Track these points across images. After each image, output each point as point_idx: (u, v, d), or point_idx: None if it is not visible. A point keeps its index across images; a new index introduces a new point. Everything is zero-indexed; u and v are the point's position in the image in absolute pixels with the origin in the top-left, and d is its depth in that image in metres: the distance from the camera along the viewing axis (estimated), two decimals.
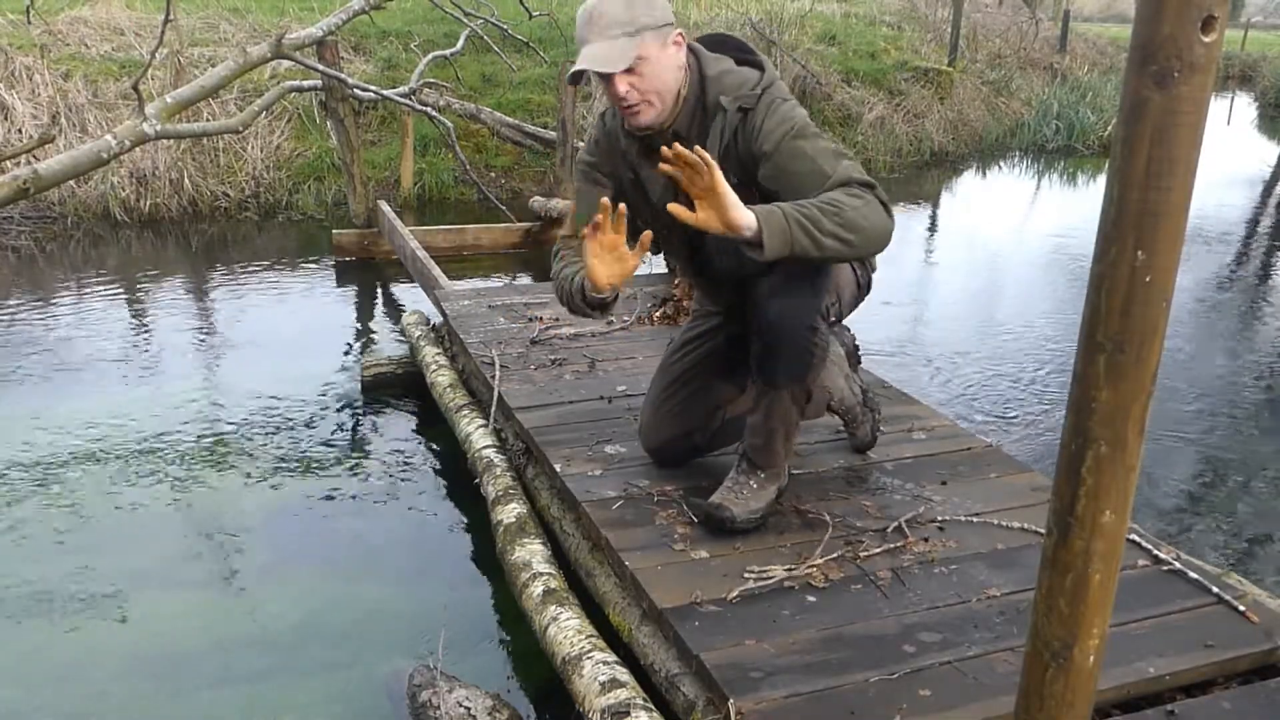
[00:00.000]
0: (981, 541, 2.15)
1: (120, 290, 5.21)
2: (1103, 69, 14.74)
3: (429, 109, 6.47)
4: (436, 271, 4.49)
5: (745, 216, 1.80)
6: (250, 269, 5.66)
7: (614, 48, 1.90)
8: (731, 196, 1.79)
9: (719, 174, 1.77)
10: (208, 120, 6.65)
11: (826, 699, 1.64)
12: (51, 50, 7.45)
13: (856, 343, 2.67)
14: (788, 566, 2.01)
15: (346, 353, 4.37)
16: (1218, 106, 15.62)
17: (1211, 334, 5.10)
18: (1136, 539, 2.12)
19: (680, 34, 1.99)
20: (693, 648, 1.76)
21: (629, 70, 1.92)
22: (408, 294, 5.24)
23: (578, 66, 1.92)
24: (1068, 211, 8.26)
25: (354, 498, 3.06)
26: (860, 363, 2.62)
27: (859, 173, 1.95)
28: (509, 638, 2.38)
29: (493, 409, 2.93)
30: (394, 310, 5.06)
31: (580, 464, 2.48)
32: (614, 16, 1.89)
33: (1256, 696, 1.71)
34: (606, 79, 1.94)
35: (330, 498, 3.06)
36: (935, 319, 5.23)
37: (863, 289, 2.32)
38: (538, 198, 6.25)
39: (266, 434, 3.47)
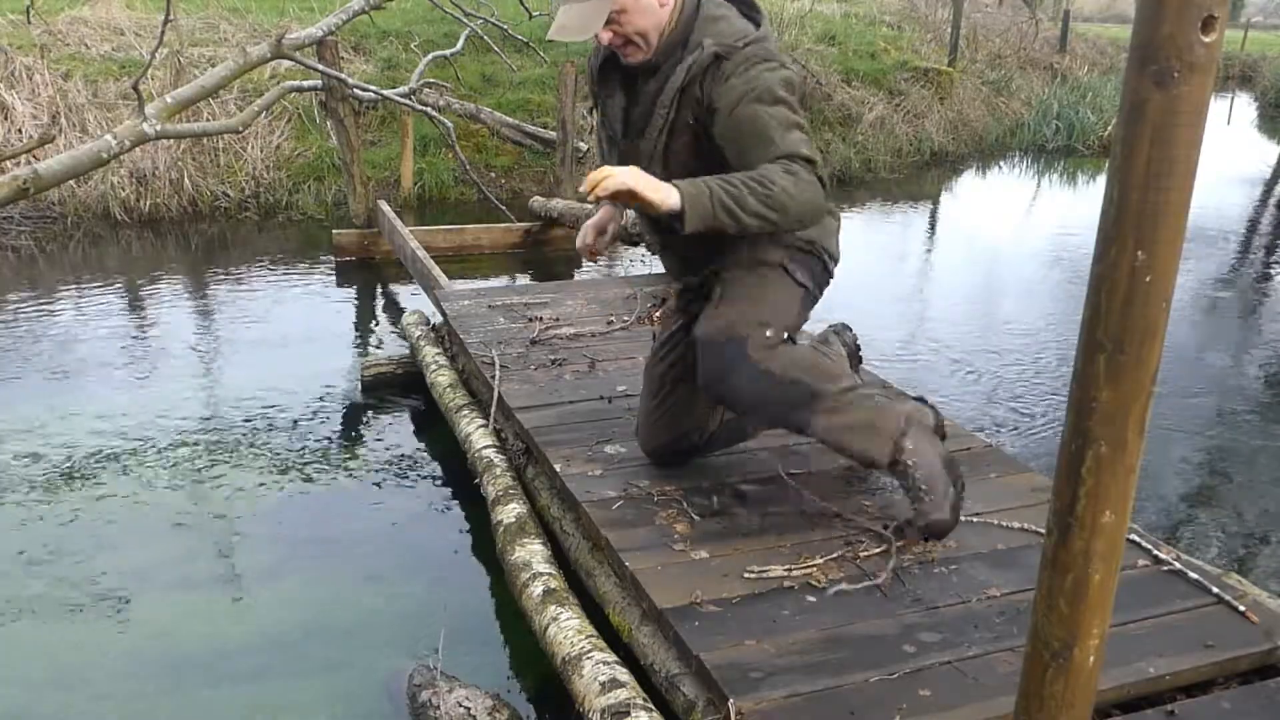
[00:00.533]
0: (981, 541, 2.15)
1: (120, 290, 5.21)
2: (1103, 69, 14.74)
3: (429, 109, 6.47)
4: (436, 271, 4.49)
5: (668, 198, 1.86)
6: (250, 269, 5.66)
7: (587, 9, 1.93)
8: (647, 187, 1.86)
9: (627, 176, 1.86)
10: (208, 120, 6.65)
11: (826, 699, 1.64)
12: (51, 50, 7.45)
13: (858, 343, 2.67)
14: (788, 566, 2.01)
15: (347, 353, 4.37)
16: (1218, 106, 15.62)
17: (1211, 334, 5.10)
18: (1136, 539, 2.12)
19: None
20: (693, 648, 1.76)
21: (609, 22, 1.95)
22: (408, 294, 5.25)
23: (550, 35, 1.96)
24: (1068, 211, 8.26)
25: (354, 498, 3.06)
26: (861, 362, 2.62)
27: (806, 148, 1.95)
28: (509, 638, 2.38)
29: (493, 409, 2.93)
30: (394, 310, 5.06)
31: (580, 464, 2.48)
32: None
33: (1256, 696, 1.71)
34: None
35: (330, 498, 3.06)
36: (935, 319, 5.23)
37: (812, 292, 2.20)
38: (538, 198, 6.25)
39: (266, 434, 3.47)
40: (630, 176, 1.86)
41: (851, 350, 2.57)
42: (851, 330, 2.62)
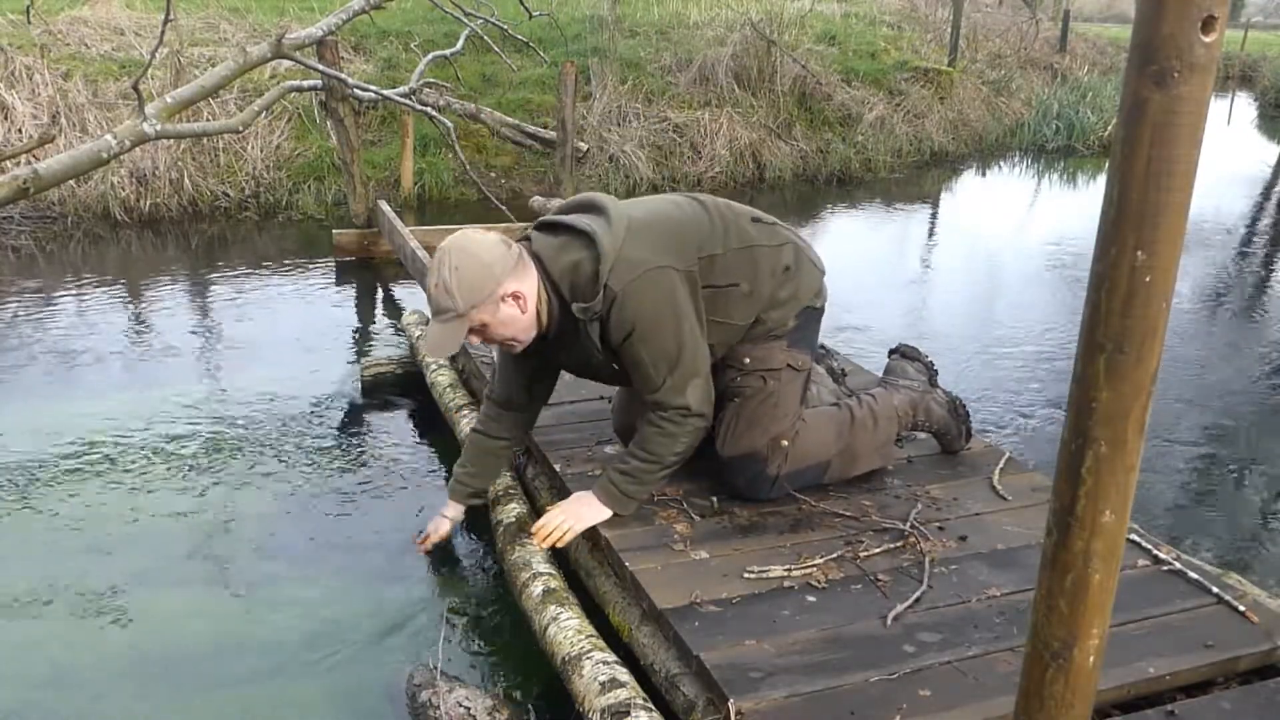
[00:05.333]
0: (981, 541, 2.15)
1: (120, 290, 5.21)
2: (1103, 69, 14.74)
3: (429, 109, 6.47)
4: None
5: (601, 515, 2.21)
6: (250, 269, 5.66)
7: (446, 331, 2.08)
8: (582, 524, 2.22)
9: (575, 524, 2.23)
10: (208, 120, 6.65)
11: (826, 699, 1.64)
12: (51, 50, 7.45)
13: (843, 368, 2.73)
14: (788, 566, 2.01)
15: (346, 353, 4.36)
16: (1218, 106, 15.62)
17: (1211, 334, 5.10)
18: (1136, 539, 2.12)
19: (514, 292, 2.05)
20: (693, 648, 1.76)
21: (475, 332, 2.11)
22: (408, 294, 5.25)
23: (422, 352, 2.15)
24: (1068, 212, 8.26)
25: (354, 498, 3.06)
26: (937, 374, 2.62)
27: (681, 391, 2.11)
28: (509, 638, 2.38)
29: None
30: (394, 310, 5.06)
31: (580, 464, 2.48)
32: (442, 304, 2.06)
33: (1256, 696, 1.71)
34: None
35: (330, 498, 3.06)
36: (935, 319, 5.23)
37: (812, 347, 2.37)
38: (538, 197, 6.25)
39: (266, 434, 3.47)
40: (576, 523, 2.22)
41: (926, 366, 2.60)
42: (913, 347, 2.65)
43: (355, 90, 5.83)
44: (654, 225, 2.12)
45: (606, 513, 2.21)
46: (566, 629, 1.94)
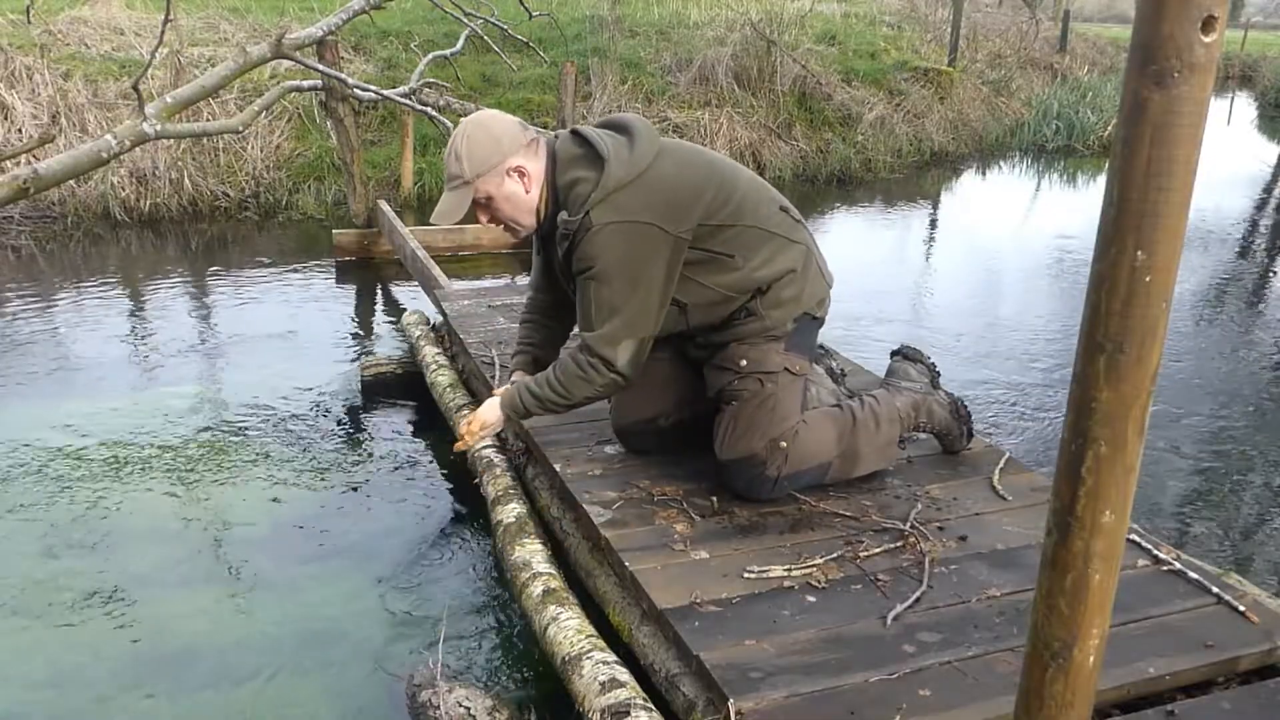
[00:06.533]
0: (981, 541, 2.15)
1: (120, 290, 5.21)
2: (1103, 69, 14.75)
3: (429, 109, 6.46)
4: (436, 271, 4.49)
5: (495, 415, 2.40)
6: (250, 269, 5.66)
7: (453, 199, 2.19)
8: (483, 420, 2.42)
9: (474, 431, 2.43)
10: (208, 120, 6.65)
11: (826, 699, 1.64)
12: (51, 50, 7.45)
13: (843, 368, 2.72)
14: (788, 566, 2.01)
15: (346, 353, 4.37)
16: (1218, 106, 15.63)
17: (1211, 334, 5.10)
18: (1136, 539, 2.12)
19: (519, 166, 2.15)
20: (692, 648, 1.76)
21: (481, 206, 2.21)
22: (408, 294, 5.25)
23: (431, 219, 2.24)
24: (1067, 212, 8.26)
25: (353, 498, 3.06)
26: (940, 376, 2.62)
27: (613, 344, 2.16)
28: (509, 638, 2.38)
29: None
30: (394, 310, 5.06)
31: (580, 464, 2.48)
32: (452, 171, 2.18)
33: (1256, 696, 1.71)
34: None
35: (330, 498, 3.06)
36: (934, 319, 5.23)
37: (809, 354, 2.38)
38: None
39: (266, 434, 3.47)
40: (485, 425, 2.42)
41: (928, 367, 2.59)
42: (915, 348, 2.65)
43: (355, 90, 5.83)
44: (670, 179, 2.14)
45: (496, 415, 2.39)
46: (566, 629, 1.94)
